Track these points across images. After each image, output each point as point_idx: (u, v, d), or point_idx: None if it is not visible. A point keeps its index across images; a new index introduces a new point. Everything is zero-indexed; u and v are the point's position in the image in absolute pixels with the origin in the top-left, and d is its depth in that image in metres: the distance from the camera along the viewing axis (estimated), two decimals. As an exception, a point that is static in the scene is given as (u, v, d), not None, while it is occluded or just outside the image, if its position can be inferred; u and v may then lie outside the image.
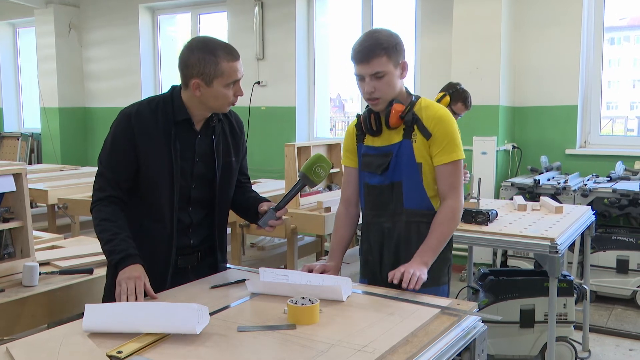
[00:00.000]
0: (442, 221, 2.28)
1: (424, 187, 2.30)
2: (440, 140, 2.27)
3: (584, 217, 3.66)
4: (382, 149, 2.35)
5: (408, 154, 2.29)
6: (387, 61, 2.23)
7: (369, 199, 2.41)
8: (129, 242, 2.14)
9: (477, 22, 5.36)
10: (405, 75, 2.31)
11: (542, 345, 3.61)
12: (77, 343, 1.65)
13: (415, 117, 2.29)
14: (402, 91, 2.34)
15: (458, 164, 2.29)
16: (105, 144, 2.24)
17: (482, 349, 1.90)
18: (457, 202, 2.30)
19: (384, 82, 2.25)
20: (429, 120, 2.28)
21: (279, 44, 6.82)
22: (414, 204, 2.32)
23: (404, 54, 2.30)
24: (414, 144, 2.28)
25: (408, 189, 2.31)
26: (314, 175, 2.26)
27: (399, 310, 1.93)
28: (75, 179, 5.09)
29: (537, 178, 4.96)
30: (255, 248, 4.59)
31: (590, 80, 5.60)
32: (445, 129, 2.27)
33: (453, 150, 2.28)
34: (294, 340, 1.67)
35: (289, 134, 6.81)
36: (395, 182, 2.32)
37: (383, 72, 2.23)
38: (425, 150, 2.28)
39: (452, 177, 2.29)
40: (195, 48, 2.15)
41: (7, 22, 9.22)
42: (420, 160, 2.29)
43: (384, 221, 2.37)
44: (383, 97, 2.28)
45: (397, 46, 2.26)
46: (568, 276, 3.69)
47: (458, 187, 2.30)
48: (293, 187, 2.30)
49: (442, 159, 2.28)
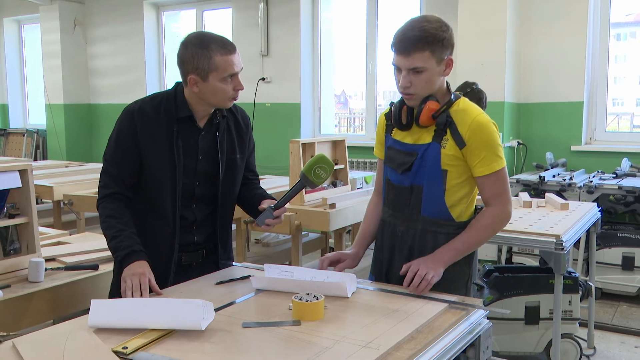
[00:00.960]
0: (477, 226, 2.14)
1: (445, 196, 2.15)
2: (478, 151, 2.09)
3: (589, 213, 3.64)
4: (408, 146, 2.19)
5: (434, 158, 2.12)
6: (430, 57, 2.04)
7: (389, 196, 2.29)
8: (134, 238, 2.15)
9: (482, 18, 5.33)
10: (449, 72, 2.12)
11: (547, 342, 3.59)
12: (82, 338, 1.65)
13: (450, 119, 2.11)
14: (441, 87, 2.15)
15: (500, 172, 2.12)
16: (110, 141, 2.25)
17: (487, 345, 1.89)
18: (501, 209, 2.14)
19: (422, 79, 2.07)
20: (464, 126, 2.09)
21: (284, 40, 6.80)
22: (432, 212, 2.17)
23: (451, 49, 2.09)
24: (443, 149, 2.11)
25: (428, 196, 2.16)
26: (314, 176, 2.19)
27: (404, 306, 1.92)
28: (81, 175, 5.10)
29: (543, 175, 4.94)
30: (260, 244, 4.60)
31: (596, 76, 5.57)
32: (483, 138, 2.09)
33: (493, 160, 2.10)
34: (299, 337, 1.67)
35: (293, 130, 6.79)
36: (415, 186, 2.17)
37: (423, 68, 2.05)
38: (455, 158, 2.11)
39: (494, 187, 2.13)
40: (190, 43, 2.14)
41: (13, 18, 9.24)
42: (446, 168, 2.12)
43: (398, 224, 2.25)
44: (419, 94, 2.10)
45: (445, 41, 2.05)
46: (573, 273, 3.66)
47: (503, 194, 2.14)
48: (292, 188, 2.25)
49: (482, 171, 2.11)
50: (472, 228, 2.15)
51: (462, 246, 2.13)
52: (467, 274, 2.23)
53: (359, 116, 7.28)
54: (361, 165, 6.25)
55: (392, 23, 6.47)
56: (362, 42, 6.56)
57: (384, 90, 6.64)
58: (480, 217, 2.16)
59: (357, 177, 4.51)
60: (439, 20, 2.08)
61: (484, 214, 2.16)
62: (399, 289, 2.10)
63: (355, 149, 6.09)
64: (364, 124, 6.87)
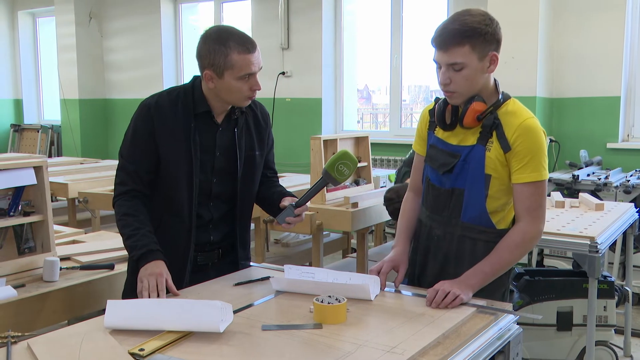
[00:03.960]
0: (506, 246, 2.04)
1: (487, 202, 2.07)
2: (522, 156, 2.00)
3: (626, 214, 3.57)
4: (451, 147, 2.12)
5: (478, 161, 2.05)
6: (470, 52, 1.96)
7: (428, 196, 2.22)
8: (151, 237, 2.15)
9: (513, 8, 5.19)
10: (494, 69, 2.03)
11: (580, 349, 3.50)
12: (98, 339, 1.66)
13: (497, 122, 2.03)
14: (487, 86, 2.08)
15: (540, 185, 2.03)
16: (126, 137, 2.25)
17: (516, 352, 1.86)
18: (532, 227, 2.04)
19: (462, 76, 1.99)
20: (511, 129, 2.02)
21: (305, 33, 6.73)
22: (473, 218, 2.10)
23: (496, 44, 2.02)
24: (487, 152, 2.04)
25: (469, 200, 2.08)
26: (337, 173, 2.15)
27: (430, 310, 1.90)
28: (96, 172, 5.12)
29: (576, 173, 4.83)
30: (280, 245, 4.58)
31: (634, 69, 5.41)
32: (530, 143, 2.00)
33: (536, 169, 2.01)
34: (320, 340, 1.66)
35: (314, 126, 6.73)
36: (456, 189, 2.10)
37: (462, 64, 1.97)
38: (499, 163, 2.04)
39: (531, 199, 2.03)
40: (209, 38, 2.14)
41: (27, 11, 9.28)
42: (490, 172, 2.05)
43: (435, 227, 2.19)
44: (460, 92, 2.03)
45: (488, 35, 1.97)
46: (609, 277, 3.60)
47: (536, 210, 2.04)
48: (315, 184, 2.22)
49: (521, 177, 2.02)
50: (500, 248, 2.05)
51: (489, 269, 2.04)
52: (504, 285, 2.17)
53: (383, 112, 7.26)
54: (385, 163, 6.19)
55: (418, 14, 6.40)
56: (386, 34, 6.48)
57: (408, 85, 6.62)
58: (510, 235, 2.06)
59: (381, 176, 4.48)
60: (483, 13, 2.01)
61: (514, 231, 2.06)
62: (423, 291, 2.06)
63: (378, 146, 6.03)
64: (387, 120, 6.80)
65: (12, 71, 9.35)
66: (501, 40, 2.04)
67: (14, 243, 2.41)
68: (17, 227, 2.41)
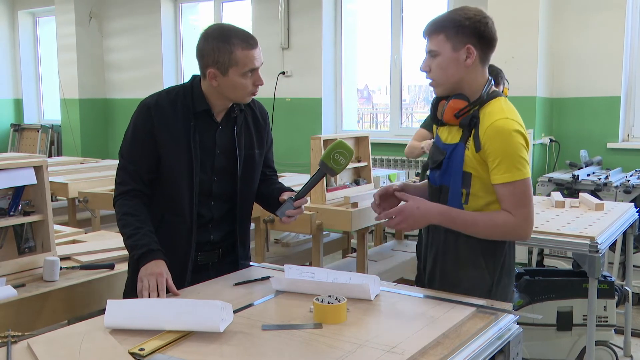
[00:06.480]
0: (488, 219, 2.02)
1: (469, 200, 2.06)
2: (494, 157, 1.99)
3: (626, 214, 3.56)
4: (441, 144, 2.16)
5: (458, 159, 2.06)
6: (444, 41, 2.03)
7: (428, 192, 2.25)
8: (152, 236, 2.14)
9: (513, 8, 5.18)
10: (470, 63, 2.03)
11: (580, 349, 3.51)
12: (98, 339, 1.66)
13: (475, 121, 2.03)
14: (472, 83, 2.08)
15: (518, 185, 1.99)
16: (126, 137, 2.24)
17: (517, 352, 1.85)
18: (515, 221, 2.00)
19: (436, 64, 2.06)
20: (482, 129, 2.01)
21: (305, 33, 6.71)
22: None
23: (476, 39, 2.03)
24: (466, 151, 2.05)
25: (452, 198, 2.09)
26: (334, 162, 2.16)
27: (430, 309, 1.89)
28: (96, 172, 5.09)
29: (576, 173, 4.84)
30: (280, 244, 4.55)
31: (634, 69, 5.40)
32: (499, 144, 1.98)
33: (508, 170, 1.98)
34: (320, 340, 1.66)
35: (314, 126, 6.72)
36: (443, 186, 2.12)
37: (436, 51, 2.05)
38: (477, 161, 2.04)
39: (510, 199, 2.00)
40: (211, 36, 2.14)
41: (27, 11, 9.26)
42: (470, 171, 2.05)
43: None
44: (437, 81, 2.09)
45: (464, 28, 2.01)
46: (609, 277, 3.61)
47: (519, 209, 2.00)
48: (313, 176, 2.23)
49: (495, 178, 2.01)
50: (482, 216, 2.03)
51: (459, 222, 2.04)
52: (487, 281, 2.11)
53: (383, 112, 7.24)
54: (385, 163, 6.18)
55: (418, 15, 6.39)
56: (386, 34, 6.47)
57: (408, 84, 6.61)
58: (496, 214, 2.03)
59: (381, 175, 4.45)
60: (474, 9, 2.06)
61: (501, 213, 2.02)
62: (423, 292, 2.09)
63: (378, 146, 6.01)
64: (387, 120, 6.78)
65: (12, 71, 9.33)
66: (487, 37, 2.05)
67: (14, 243, 2.41)
68: (17, 226, 2.40)
